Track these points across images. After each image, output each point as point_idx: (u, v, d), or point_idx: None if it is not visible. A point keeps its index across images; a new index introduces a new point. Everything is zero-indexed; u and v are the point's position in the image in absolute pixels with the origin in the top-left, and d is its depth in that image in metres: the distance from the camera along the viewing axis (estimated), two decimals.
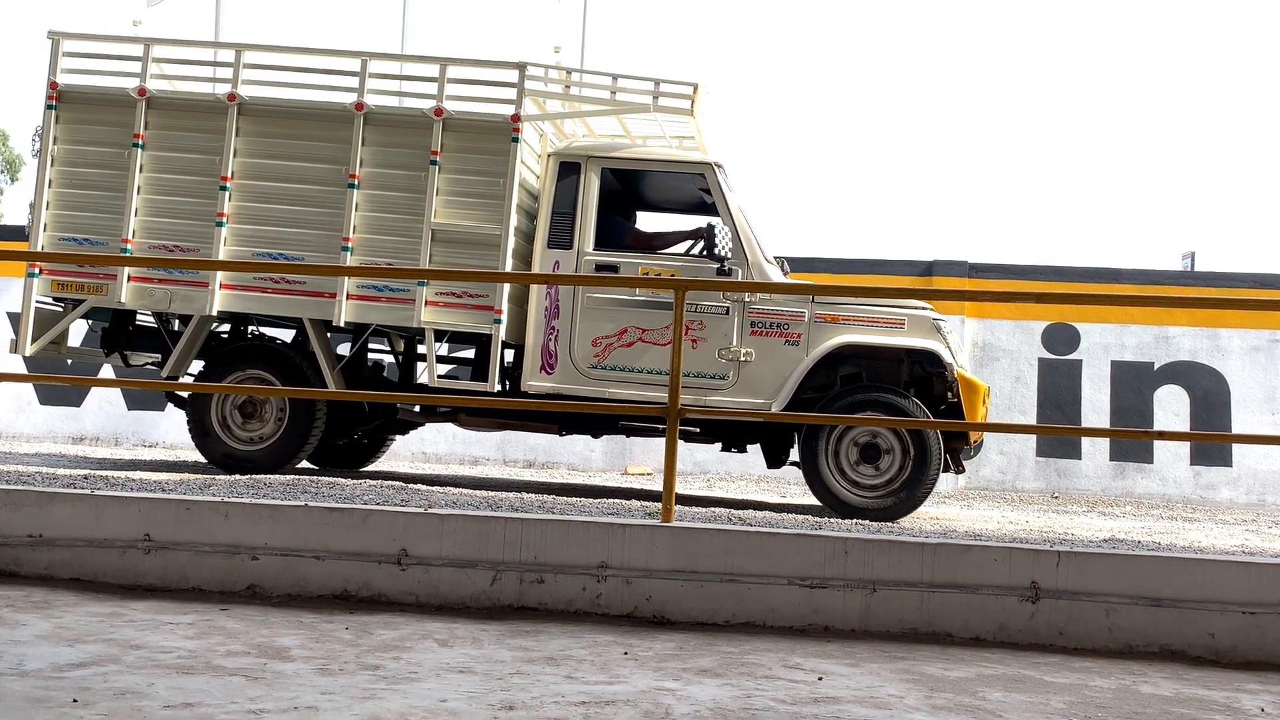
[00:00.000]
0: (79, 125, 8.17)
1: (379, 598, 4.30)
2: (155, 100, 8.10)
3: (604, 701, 3.02)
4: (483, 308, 7.88)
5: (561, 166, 8.06)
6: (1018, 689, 3.41)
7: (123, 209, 8.04)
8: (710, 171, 7.97)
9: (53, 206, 8.13)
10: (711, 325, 7.82)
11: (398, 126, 8.01)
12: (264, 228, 8.02)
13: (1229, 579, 4.12)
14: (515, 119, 7.88)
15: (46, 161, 8.14)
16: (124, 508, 4.45)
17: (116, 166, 8.09)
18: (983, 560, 4.20)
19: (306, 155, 8.03)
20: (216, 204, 8.00)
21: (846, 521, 7.03)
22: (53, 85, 8.16)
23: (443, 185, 7.91)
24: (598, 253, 7.93)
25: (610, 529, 4.31)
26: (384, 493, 6.57)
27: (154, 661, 3.20)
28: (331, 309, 7.96)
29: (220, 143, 8.02)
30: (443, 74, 7.97)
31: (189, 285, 8.05)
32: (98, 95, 8.19)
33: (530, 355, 7.97)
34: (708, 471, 12.38)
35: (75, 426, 12.74)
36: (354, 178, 7.93)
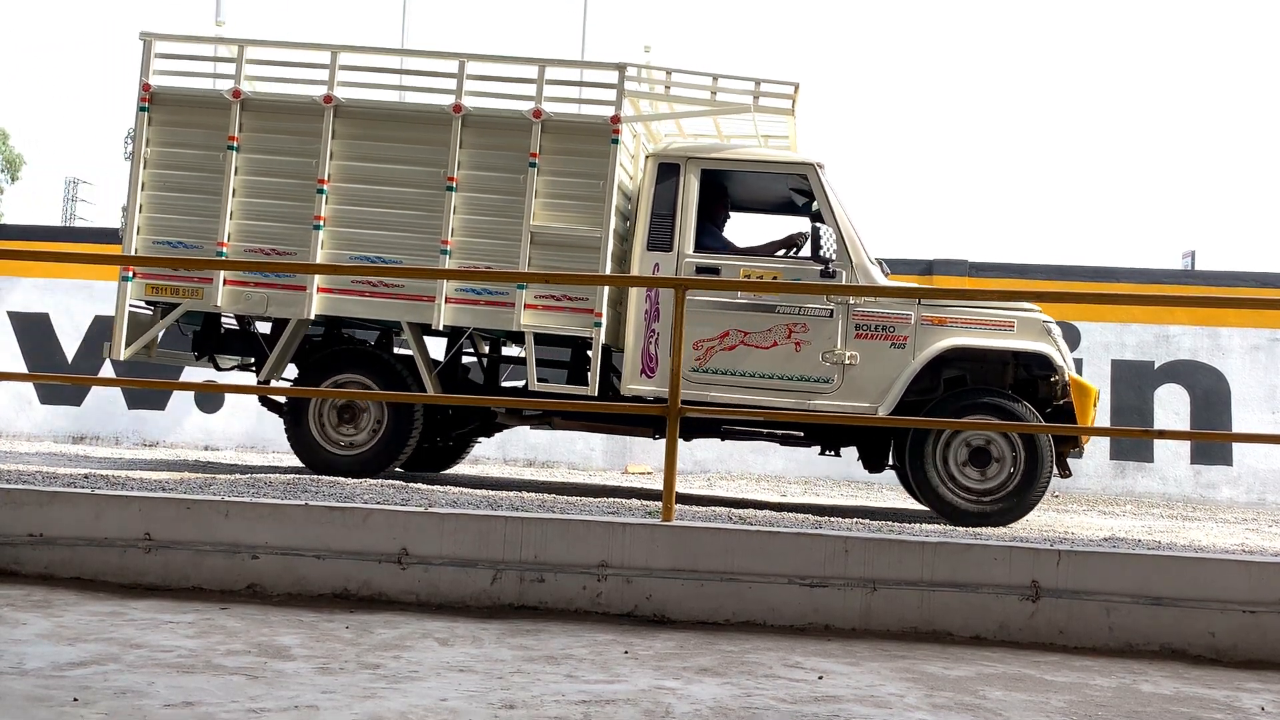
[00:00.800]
0: (172, 127, 8.06)
1: (379, 597, 4.30)
2: (250, 102, 8.00)
3: (604, 700, 3.02)
4: (582, 310, 7.79)
5: (660, 168, 7.93)
6: (1018, 688, 3.41)
7: (218, 212, 7.93)
8: (813, 171, 7.84)
9: (146, 210, 8.02)
10: (815, 328, 7.69)
11: (496, 128, 7.89)
12: (361, 231, 7.93)
13: (1229, 578, 4.12)
14: (615, 120, 7.77)
15: (139, 164, 8.03)
16: (124, 507, 4.45)
17: (211, 169, 7.98)
18: (983, 559, 4.20)
19: (403, 158, 7.93)
20: (313, 207, 7.90)
21: (847, 521, 7.03)
22: (145, 87, 8.05)
23: (541, 187, 7.81)
24: (698, 255, 7.80)
25: (611, 528, 4.31)
26: (384, 492, 6.57)
27: (154, 660, 3.20)
28: (430, 313, 7.85)
29: (316, 145, 7.91)
30: (541, 75, 7.85)
31: (286, 289, 7.97)
32: (191, 97, 8.09)
33: (630, 358, 7.87)
34: (708, 471, 12.38)
35: (75, 426, 12.74)
36: (452, 180, 7.83)
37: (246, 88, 8.02)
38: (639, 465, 12.40)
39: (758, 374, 7.72)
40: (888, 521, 7.23)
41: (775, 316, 7.72)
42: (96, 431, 12.76)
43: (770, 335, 7.74)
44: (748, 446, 12.45)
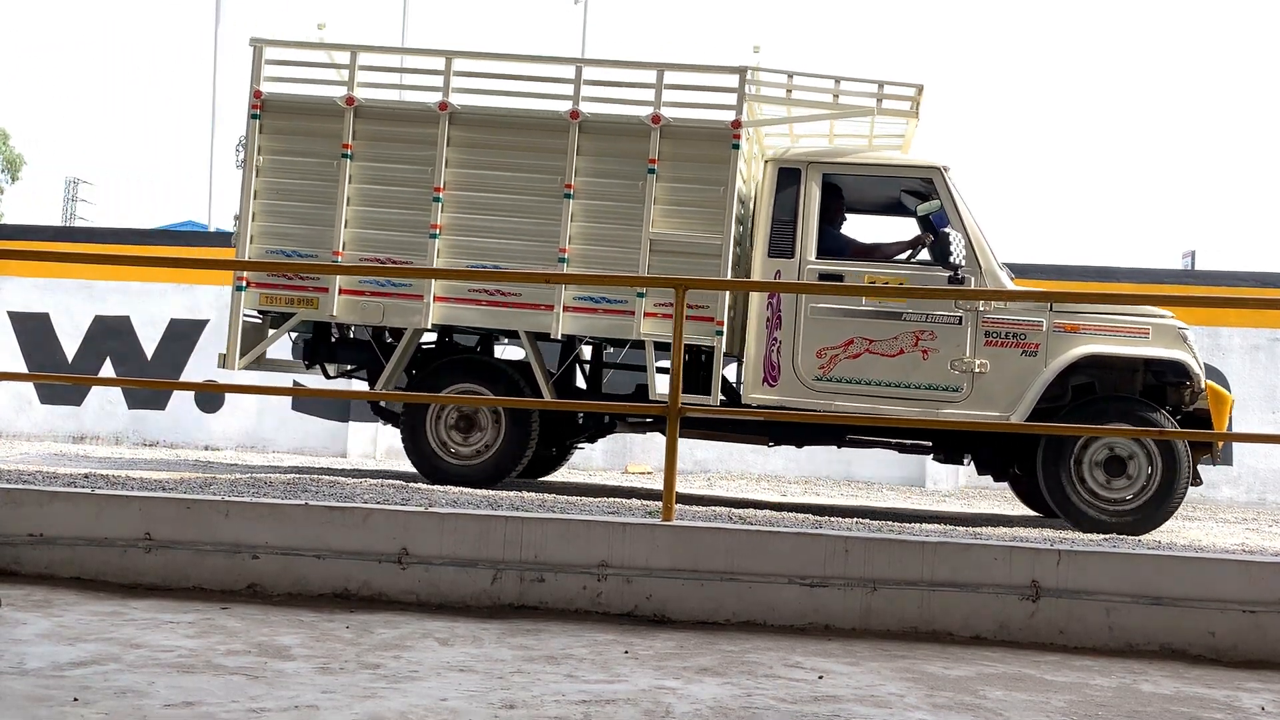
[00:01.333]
0: (284, 135, 7.97)
1: (379, 597, 4.30)
2: (363, 109, 7.90)
3: (604, 700, 3.02)
4: (703, 318, 7.64)
5: (781, 173, 7.80)
6: (1018, 688, 3.41)
7: (332, 220, 7.84)
8: (939, 175, 7.69)
9: (259, 218, 7.93)
10: (944, 335, 7.55)
11: (614, 134, 7.77)
12: (478, 239, 7.82)
13: (1229, 578, 4.12)
14: (736, 125, 7.64)
15: (251, 172, 7.94)
16: (124, 506, 4.45)
17: (324, 177, 7.88)
18: (983, 559, 4.20)
19: (520, 165, 7.82)
20: (429, 215, 7.80)
21: (847, 520, 7.03)
22: (256, 94, 7.94)
23: (660, 194, 7.68)
24: (821, 261, 7.67)
25: (611, 528, 4.31)
26: (384, 492, 6.56)
27: (154, 660, 3.20)
28: (548, 321, 7.75)
29: (431, 152, 7.81)
30: (660, 80, 7.72)
31: (403, 298, 7.86)
32: (303, 104, 8.00)
33: (751, 367, 7.75)
34: (708, 470, 12.38)
35: (75, 426, 12.74)
36: (569, 187, 7.73)
37: (359, 94, 7.90)
38: (639, 465, 12.40)
39: (883, 383, 7.58)
40: (888, 521, 7.23)
41: (902, 324, 7.57)
42: (96, 431, 12.77)
43: (897, 343, 7.58)
44: (749, 446, 12.45)
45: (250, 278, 7.90)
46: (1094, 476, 7.45)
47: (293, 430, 12.77)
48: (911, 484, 11.95)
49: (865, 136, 8.72)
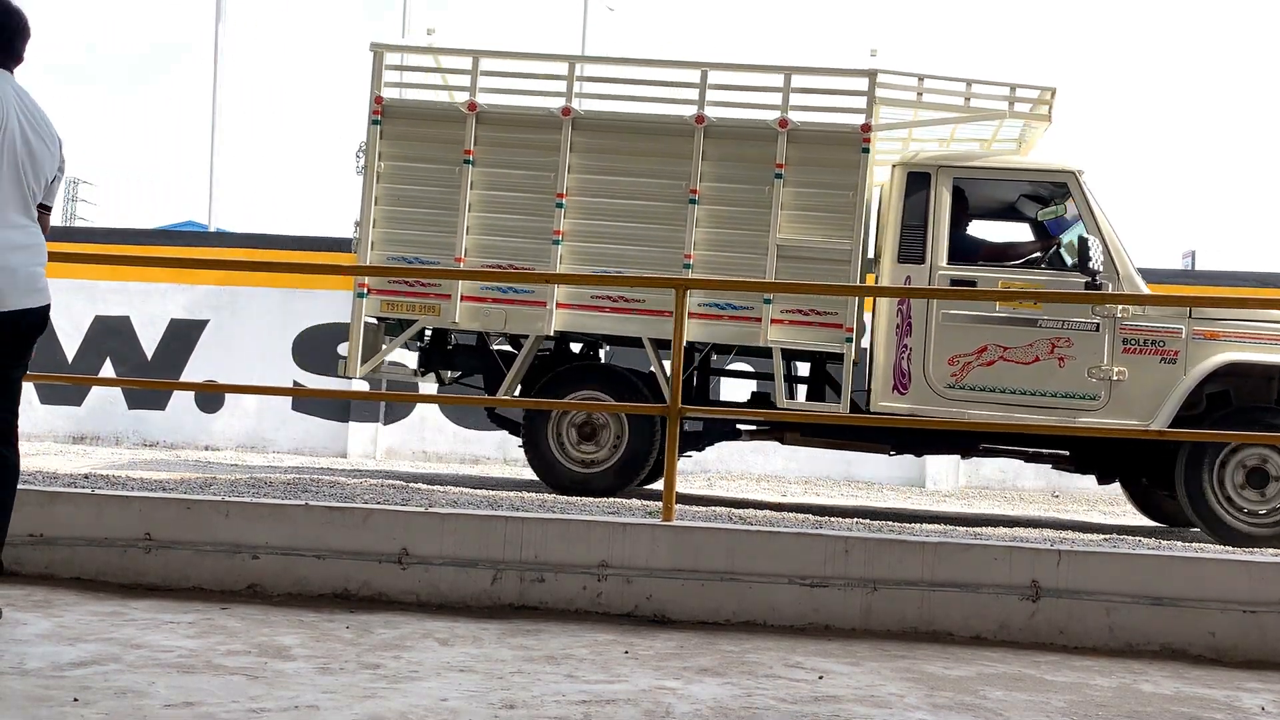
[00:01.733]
0: (405, 141, 7.89)
1: (380, 597, 4.30)
2: (485, 115, 7.82)
3: (605, 700, 3.02)
4: (831, 325, 7.55)
5: (910, 177, 7.67)
6: (1018, 688, 3.41)
7: (454, 227, 7.78)
8: (1073, 179, 7.55)
9: (379, 225, 7.88)
10: (1080, 343, 7.41)
11: (740, 139, 7.67)
12: (601, 245, 7.73)
13: (1229, 578, 4.12)
14: (865, 128, 7.55)
15: (372, 179, 7.87)
16: (125, 507, 4.45)
17: (446, 183, 7.81)
18: (983, 559, 4.20)
19: (644, 170, 7.73)
20: (551, 221, 7.72)
21: (847, 521, 7.03)
22: (377, 100, 7.87)
23: (788, 199, 7.58)
24: (952, 267, 7.55)
25: (611, 528, 4.31)
26: (384, 492, 6.56)
27: (155, 660, 3.20)
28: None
29: (554, 158, 7.73)
30: (787, 83, 7.64)
31: (525, 304, 7.77)
32: (424, 110, 7.94)
33: (881, 374, 7.62)
34: (708, 470, 12.37)
35: (75, 426, 12.74)
36: (694, 193, 7.64)
37: (480, 100, 7.84)
38: None
39: (1018, 390, 7.45)
40: (888, 521, 7.23)
41: (1037, 331, 7.45)
42: (96, 432, 12.77)
43: (1032, 350, 7.44)
44: (749, 446, 12.45)
45: (371, 284, 7.83)
46: (1236, 487, 7.33)
47: (293, 430, 12.77)
48: (911, 484, 11.95)
49: (980, 140, 8.64)
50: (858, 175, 7.55)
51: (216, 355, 12.75)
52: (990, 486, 12.06)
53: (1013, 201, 8.28)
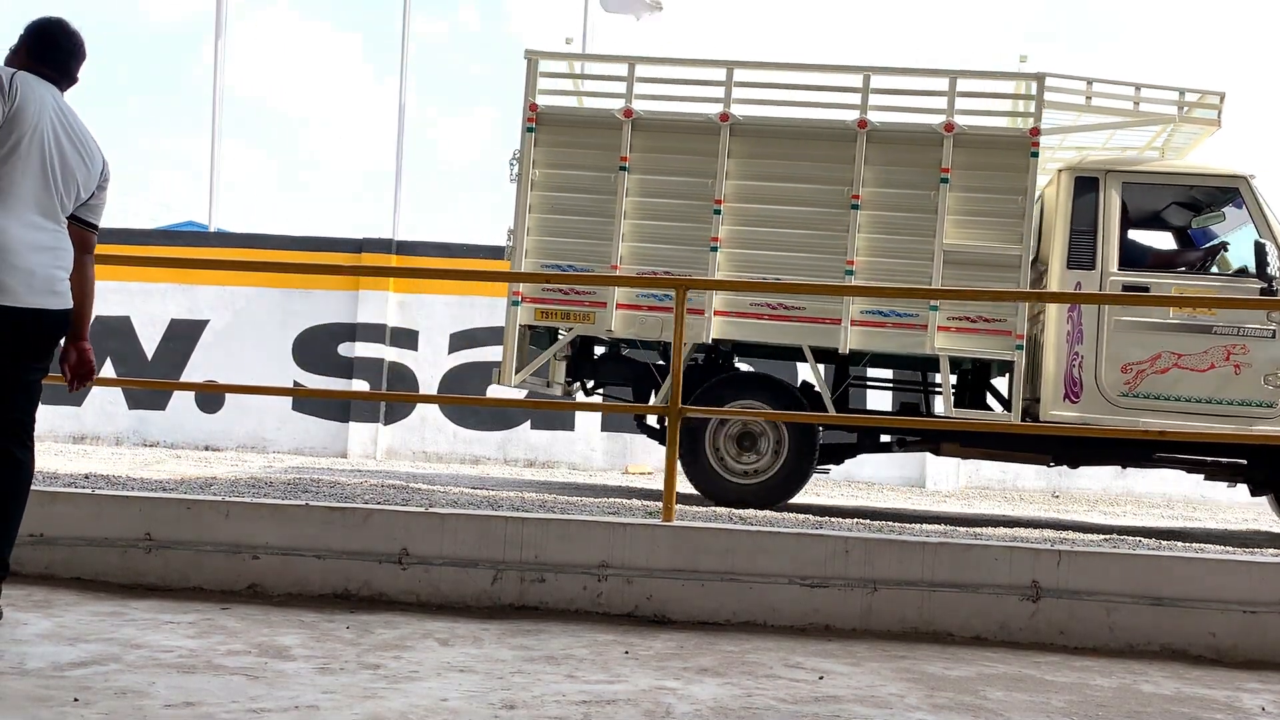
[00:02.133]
0: (560, 148, 7.85)
1: (380, 597, 4.30)
2: (641, 121, 7.77)
3: (605, 700, 3.02)
4: (999, 332, 7.46)
5: (1078, 182, 7.62)
6: (1019, 688, 3.41)
7: (610, 234, 7.72)
8: (1245, 184, 7.48)
9: (534, 232, 7.82)
10: (1256, 349, 7.34)
11: (904, 143, 7.60)
12: (760, 252, 7.65)
13: (1230, 578, 4.12)
14: (1034, 132, 7.47)
15: (526, 186, 7.82)
16: (125, 507, 4.45)
17: (601, 190, 7.76)
18: (984, 559, 4.20)
19: (804, 176, 7.66)
20: (709, 228, 7.66)
21: (847, 521, 7.03)
22: (532, 107, 7.84)
23: (954, 204, 7.50)
24: (1123, 272, 7.47)
25: (611, 528, 4.31)
26: (385, 492, 6.57)
27: (155, 660, 3.20)
28: (835, 336, 7.57)
29: (712, 164, 7.67)
30: (953, 87, 7.57)
31: None
32: (580, 117, 7.90)
33: (1051, 382, 7.55)
34: None
35: (76, 426, 12.74)
36: (856, 198, 7.56)
37: (636, 106, 7.78)
38: (639, 465, 12.40)
39: (1191, 398, 7.37)
40: (888, 522, 7.23)
41: (1212, 338, 7.37)
42: (97, 432, 12.77)
43: (1206, 357, 7.38)
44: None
45: (525, 292, 7.77)
46: None
47: (293, 430, 12.78)
48: (912, 484, 11.95)
49: (1134, 146, 8.55)
50: (1026, 180, 7.46)
51: (217, 355, 12.77)
52: (990, 487, 12.07)
53: (1165, 208, 8.19)
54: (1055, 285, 7.59)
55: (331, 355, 12.89)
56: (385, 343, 12.88)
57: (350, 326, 12.90)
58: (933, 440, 8.04)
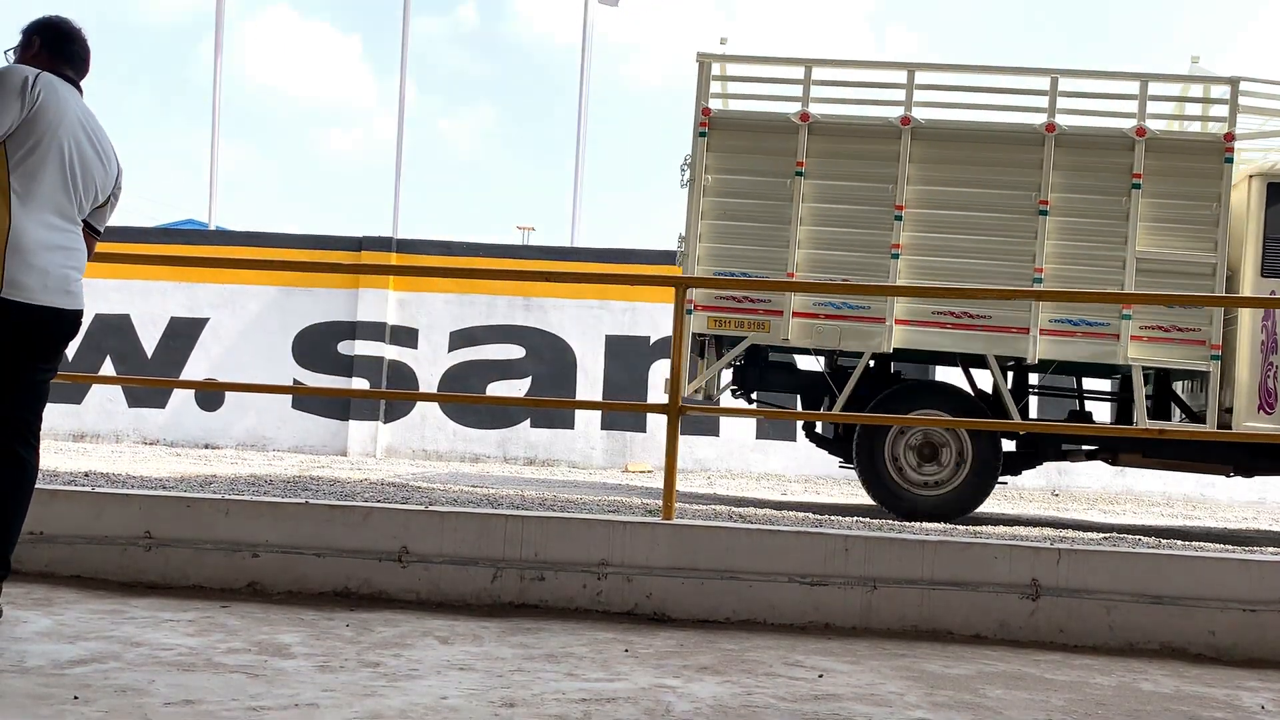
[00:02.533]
0: (733, 153, 7.73)
1: (380, 595, 4.30)
2: (818, 125, 7.66)
3: (605, 699, 3.02)
4: (1193, 342, 7.38)
5: (1270, 188, 7.49)
6: (1018, 686, 3.41)
7: (785, 240, 7.62)
8: None
9: (705, 239, 7.70)
10: None
11: (1093, 148, 7.51)
12: (942, 259, 7.57)
13: (1229, 576, 4.12)
14: (1229, 137, 7.38)
15: (698, 191, 7.70)
16: (124, 505, 4.45)
17: (776, 196, 7.66)
18: (983, 558, 4.20)
19: (988, 181, 7.57)
20: (889, 235, 7.56)
21: (847, 519, 7.03)
22: (704, 111, 7.73)
23: (1145, 210, 7.41)
24: None
25: (611, 526, 4.31)
26: (384, 490, 6.57)
27: (155, 659, 3.20)
28: (1022, 345, 7.49)
29: (891, 169, 7.57)
30: (1143, 91, 7.49)
31: (862, 321, 7.60)
32: (754, 121, 7.79)
33: (1244, 393, 7.42)
34: (708, 469, 12.37)
35: (75, 424, 12.73)
36: (1044, 204, 7.47)
37: (812, 109, 7.68)
38: (639, 464, 12.40)
39: None
40: (888, 520, 7.23)
41: None
42: (97, 430, 12.77)
43: None
44: (749, 444, 12.45)
45: (699, 300, 7.67)
46: None
47: (293, 429, 12.78)
48: None
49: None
50: (1220, 186, 7.38)
51: (216, 353, 12.77)
52: None
53: None
54: (1248, 292, 7.46)
55: (331, 353, 12.89)
56: (385, 341, 12.89)
57: (350, 325, 12.91)
58: (1111, 449, 7.93)
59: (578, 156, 15.07)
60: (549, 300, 12.80)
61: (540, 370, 12.78)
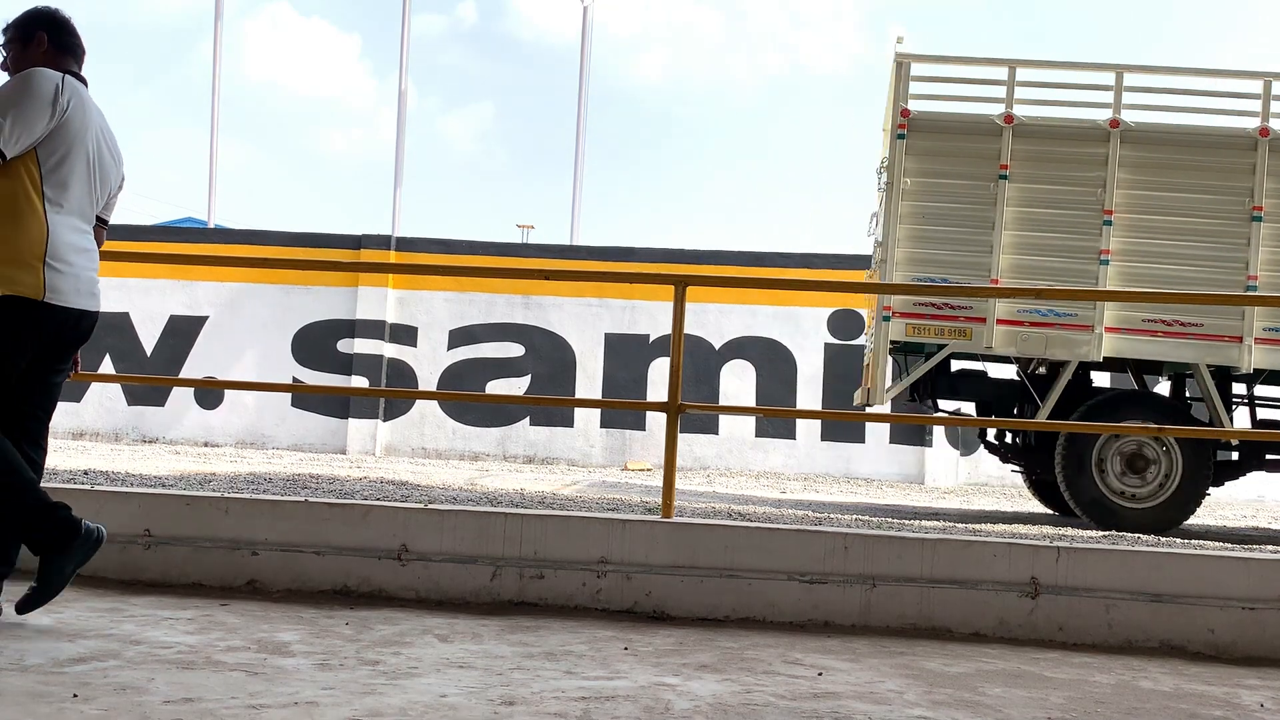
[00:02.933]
0: (933, 156, 7.60)
1: (379, 593, 4.30)
2: (1023, 127, 7.54)
3: (604, 697, 3.02)
4: None
5: None
6: (1017, 684, 3.41)
7: (987, 245, 7.49)
8: None
9: (904, 243, 7.56)
10: None
11: None
12: (1152, 265, 7.44)
13: (1228, 574, 4.12)
14: None
15: (896, 195, 7.56)
16: (124, 503, 4.45)
17: (978, 200, 7.52)
18: (982, 556, 4.20)
19: (1199, 186, 7.47)
20: (1097, 240, 7.43)
21: (847, 517, 7.03)
22: (903, 113, 7.58)
23: None
24: None
25: (610, 524, 4.31)
26: (384, 488, 6.57)
27: (154, 657, 3.20)
28: (1234, 354, 7.38)
29: (1099, 173, 7.45)
30: None
31: (1068, 329, 7.46)
32: (955, 123, 7.65)
33: None
34: (708, 467, 12.37)
35: (75, 422, 12.73)
36: (1258, 209, 7.35)
37: (1017, 111, 7.56)
38: (639, 462, 12.41)
39: None
40: (888, 518, 7.23)
41: None
42: (96, 428, 12.76)
43: None
44: (748, 442, 12.46)
45: (896, 308, 7.55)
46: None
47: (292, 427, 12.78)
48: (911, 481, 11.95)
49: None
50: None
51: (215, 351, 12.77)
52: (989, 483, 12.07)
53: None
54: None
55: (330, 351, 12.90)
56: (384, 339, 12.89)
57: (349, 323, 12.91)
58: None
59: (577, 154, 15.08)
60: (548, 299, 12.80)
61: (540, 368, 12.79)
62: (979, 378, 8.24)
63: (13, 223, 3.41)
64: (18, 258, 3.40)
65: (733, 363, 12.63)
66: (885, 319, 7.50)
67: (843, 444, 12.21)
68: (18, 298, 3.40)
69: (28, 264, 3.40)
